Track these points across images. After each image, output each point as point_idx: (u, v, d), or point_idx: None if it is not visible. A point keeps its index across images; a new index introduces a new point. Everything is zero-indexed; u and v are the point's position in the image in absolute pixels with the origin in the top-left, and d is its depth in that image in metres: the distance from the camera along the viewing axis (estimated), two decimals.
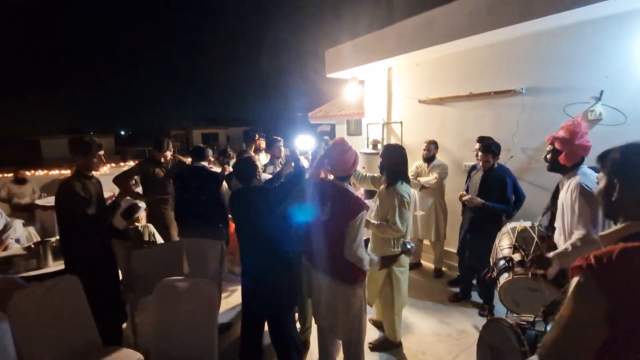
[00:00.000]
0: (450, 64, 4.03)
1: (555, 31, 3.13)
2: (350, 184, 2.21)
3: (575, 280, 0.83)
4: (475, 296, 3.52)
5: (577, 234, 1.92)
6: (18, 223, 4.07)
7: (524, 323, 1.44)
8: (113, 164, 9.33)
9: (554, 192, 2.36)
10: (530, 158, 3.41)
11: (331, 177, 2.24)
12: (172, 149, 3.94)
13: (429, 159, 3.95)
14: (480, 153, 3.16)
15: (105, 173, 7.52)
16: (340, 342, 2.29)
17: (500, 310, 2.92)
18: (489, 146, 3.10)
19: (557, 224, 2.18)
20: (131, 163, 9.99)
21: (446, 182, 3.95)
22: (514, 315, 2.09)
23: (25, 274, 2.72)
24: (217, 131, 33.74)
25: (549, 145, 2.21)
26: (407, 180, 2.58)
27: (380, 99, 4.90)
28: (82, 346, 2.08)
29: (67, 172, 7.34)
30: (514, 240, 2.42)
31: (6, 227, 3.89)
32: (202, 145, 3.45)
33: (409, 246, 2.11)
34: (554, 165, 2.16)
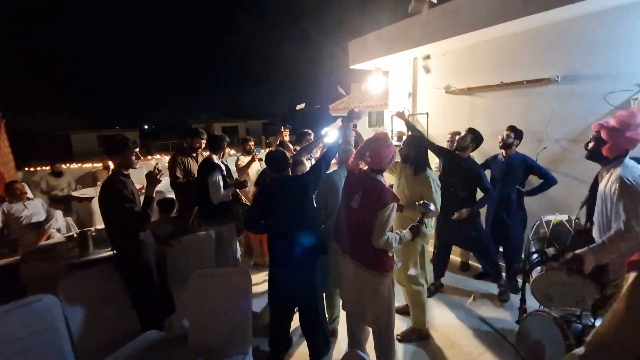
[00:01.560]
0: (479, 53, 3.91)
1: (594, 15, 2.98)
2: (382, 177, 2.23)
3: (632, 275, 0.81)
4: (492, 287, 3.49)
5: (615, 228, 1.84)
6: (59, 213, 4.30)
7: (570, 316, 1.42)
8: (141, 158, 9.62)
9: (592, 184, 2.26)
10: (564, 149, 3.29)
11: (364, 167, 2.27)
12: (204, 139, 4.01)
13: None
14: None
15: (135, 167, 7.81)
16: (369, 329, 2.34)
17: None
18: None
19: (596, 217, 2.10)
20: (158, 156, 10.31)
21: None
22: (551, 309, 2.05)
23: (70, 262, 2.87)
24: (236, 124, 34.27)
25: (594, 133, 2.08)
26: (430, 166, 2.73)
27: (405, 90, 4.82)
28: (123, 330, 2.21)
29: (98, 165, 7.68)
30: (548, 233, 2.37)
31: (48, 218, 4.12)
32: (217, 134, 3.52)
33: (431, 207, 2.12)
34: (594, 155, 2.07)
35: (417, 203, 2.22)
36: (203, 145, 3.95)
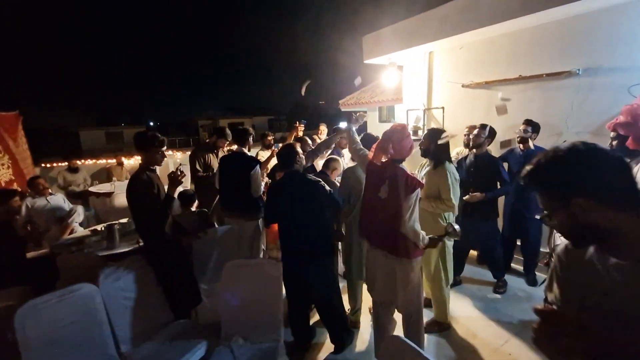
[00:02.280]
0: (497, 46, 3.90)
1: (616, 7, 2.96)
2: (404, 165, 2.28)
3: None
4: (519, 282, 3.52)
5: None
6: (80, 208, 4.40)
7: None
8: (137, 157, 9.70)
9: None
10: None
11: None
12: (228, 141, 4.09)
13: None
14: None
15: (131, 165, 7.93)
16: (396, 320, 2.39)
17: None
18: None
19: None
20: (170, 152, 10.40)
21: None
22: None
23: (103, 253, 2.94)
24: (242, 120, 34.33)
25: (612, 133, 2.12)
26: (451, 160, 2.72)
27: (420, 84, 4.82)
28: (156, 319, 2.28)
29: (112, 162, 7.79)
30: None
31: (71, 212, 4.22)
32: (241, 128, 3.55)
33: (456, 227, 2.17)
34: (624, 152, 2.10)
35: (447, 222, 2.26)
36: (225, 146, 4.05)
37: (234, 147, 4.27)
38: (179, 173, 2.49)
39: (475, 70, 4.15)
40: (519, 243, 3.60)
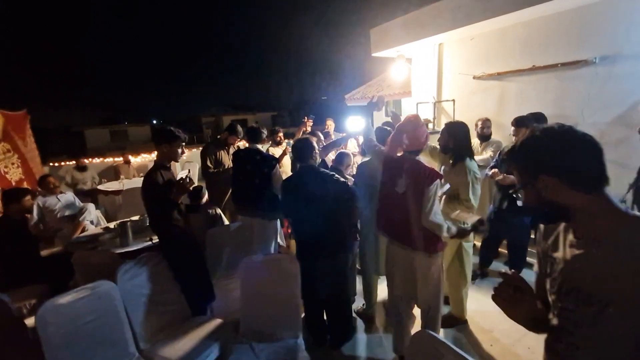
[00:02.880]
0: (509, 36, 3.83)
1: None
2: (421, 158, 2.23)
3: None
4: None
5: None
6: (92, 206, 4.41)
7: None
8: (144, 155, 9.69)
9: None
10: (601, 132, 3.21)
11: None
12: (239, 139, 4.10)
13: (482, 137, 3.84)
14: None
15: (138, 163, 7.97)
16: (414, 314, 2.37)
17: None
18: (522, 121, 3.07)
19: None
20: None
21: None
22: None
23: (118, 250, 2.94)
24: (245, 117, 34.28)
25: None
26: (472, 156, 2.57)
27: (429, 77, 4.76)
28: (174, 315, 2.28)
29: (119, 160, 7.80)
30: None
31: (82, 210, 4.23)
32: (255, 125, 3.53)
33: (483, 227, 2.13)
34: None
35: (476, 218, 2.18)
36: (237, 143, 4.05)
37: (241, 143, 4.27)
38: (187, 181, 2.42)
39: (487, 62, 4.08)
40: (532, 237, 3.56)
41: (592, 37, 3.19)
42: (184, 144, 2.52)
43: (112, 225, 3.62)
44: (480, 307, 3.06)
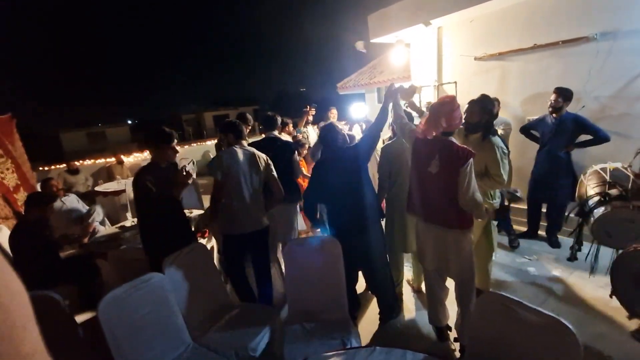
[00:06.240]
0: (510, 17, 3.94)
1: None
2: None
3: None
4: (544, 245, 3.66)
5: None
6: (99, 207, 4.31)
7: None
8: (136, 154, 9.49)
9: None
10: (603, 106, 3.39)
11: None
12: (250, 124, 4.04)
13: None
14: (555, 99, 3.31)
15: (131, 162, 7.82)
16: (447, 286, 2.46)
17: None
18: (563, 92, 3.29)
19: None
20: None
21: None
22: None
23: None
24: (227, 112, 33.63)
25: None
26: (496, 132, 2.63)
27: (429, 61, 4.84)
28: (220, 302, 2.30)
29: (112, 160, 7.58)
30: (607, 178, 2.54)
31: (90, 212, 4.13)
32: (270, 113, 3.49)
33: (517, 193, 2.22)
34: None
35: (506, 190, 2.23)
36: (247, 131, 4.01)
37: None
38: (184, 173, 2.36)
39: (488, 42, 4.19)
40: (543, 210, 3.73)
41: (593, 14, 3.33)
42: (174, 142, 2.46)
43: (128, 223, 3.56)
44: (499, 277, 3.20)
